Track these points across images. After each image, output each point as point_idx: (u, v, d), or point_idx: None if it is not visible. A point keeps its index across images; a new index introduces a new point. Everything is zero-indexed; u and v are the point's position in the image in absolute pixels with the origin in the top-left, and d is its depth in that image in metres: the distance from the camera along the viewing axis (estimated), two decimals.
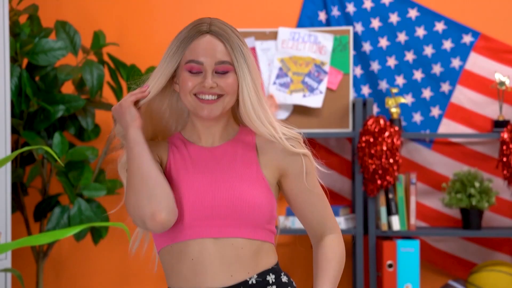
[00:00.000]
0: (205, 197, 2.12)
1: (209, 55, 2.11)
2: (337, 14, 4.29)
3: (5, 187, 3.51)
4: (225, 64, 2.12)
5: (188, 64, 2.11)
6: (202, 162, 2.17)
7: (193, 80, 2.11)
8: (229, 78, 2.12)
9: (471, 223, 4.04)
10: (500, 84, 4.09)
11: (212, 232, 2.11)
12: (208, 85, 2.09)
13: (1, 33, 3.50)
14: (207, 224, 2.11)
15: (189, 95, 2.11)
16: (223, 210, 2.11)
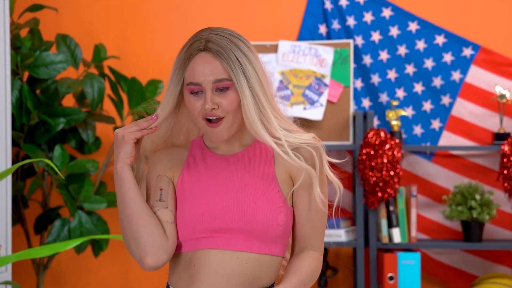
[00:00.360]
0: (216, 209, 2.11)
1: (206, 75, 2.08)
2: (337, 27, 4.30)
3: (5, 200, 3.51)
4: (223, 81, 2.09)
5: (188, 87, 2.10)
6: (217, 172, 2.15)
7: (196, 102, 2.10)
8: (229, 95, 2.09)
9: (472, 236, 4.04)
10: (500, 97, 4.09)
11: (220, 243, 2.10)
12: (209, 107, 2.07)
13: (2, 46, 3.50)
14: (216, 235, 2.10)
15: (200, 119, 2.10)
16: (233, 223, 2.09)
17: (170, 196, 2.16)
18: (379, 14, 4.28)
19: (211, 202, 2.12)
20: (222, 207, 2.11)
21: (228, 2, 4.36)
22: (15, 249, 4.18)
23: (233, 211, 2.10)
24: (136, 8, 4.38)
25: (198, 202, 2.12)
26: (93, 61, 4.08)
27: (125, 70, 4.24)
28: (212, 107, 2.07)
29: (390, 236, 4.03)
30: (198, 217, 2.11)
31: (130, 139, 2.12)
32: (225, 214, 2.10)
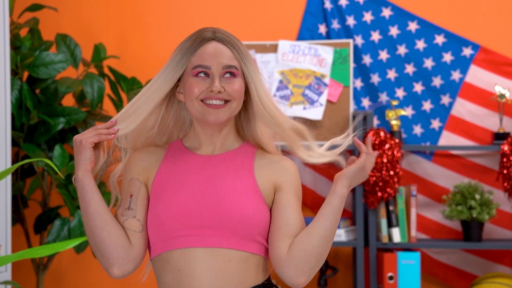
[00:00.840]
0: (193, 205, 2.08)
1: (216, 60, 2.10)
2: (337, 27, 4.30)
3: (5, 200, 3.51)
4: (232, 68, 2.10)
5: (195, 69, 2.10)
6: (196, 171, 2.14)
7: (200, 86, 2.09)
8: (236, 83, 2.11)
9: (471, 235, 4.04)
10: (500, 96, 4.09)
11: (200, 241, 2.06)
12: (216, 89, 2.07)
13: (2, 46, 3.50)
14: (195, 233, 2.07)
15: (196, 101, 2.10)
16: (212, 220, 2.07)
17: (139, 203, 2.14)
18: (379, 14, 4.28)
19: (188, 198, 2.09)
20: (199, 204, 2.08)
21: (228, 2, 4.36)
22: (15, 249, 4.18)
23: (210, 208, 2.07)
24: (135, 8, 4.38)
25: (174, 199, 2.09)
26: (93, 61, 4.08)
27: (124, 70, 4.24)
28: (220, 89, 2.07)
29: (390, 236, 4.03)
30: (175, 214, 2.08)
31: (88, 144, 2.12)
32: (202, 210, 2.07)
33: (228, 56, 2.11)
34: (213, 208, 2.07)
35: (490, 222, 4.20)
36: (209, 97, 2.09)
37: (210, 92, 2.08)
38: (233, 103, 2.10)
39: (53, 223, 3.93)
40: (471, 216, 4.02)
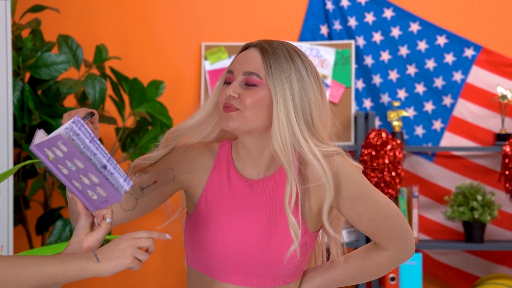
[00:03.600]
0: (236, 246, 1.97)
1: (240, 65, 1.95)
2: (339, 28, 4.30)
3: (7, 201, 3.51)
4: (253, 76, 1.93)
5: (226, 75, 1.98)
6: (240, 199, 1.99)
7: (222, 91, 1.96)
8: (256, 93, 1.92)
9: (473, 236, 4.04)
10: (502, 97, 4.09)
11: (243, 281, 1.98)
12: (227, 93, 1.92)
13: (4, 47, 3.51)
14: (234, 271, 1.98)
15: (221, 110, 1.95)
16: (252, 261, 1.97)
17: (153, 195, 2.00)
18: (381, 15, 4.28)
19: (233, 237, 1.97)
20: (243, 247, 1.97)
21: (230, 2, 4.36)
22: (17, 250, 4.18)
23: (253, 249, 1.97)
24: (137, 9, 4.39)
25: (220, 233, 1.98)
26: (95, 61, 4.08)
27: (126, 71, 4.24)
28: (230, 94, 1.92)
29: None
30: (218, 248, 1.97)
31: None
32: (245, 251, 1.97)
33: (255, 62, 1.94)
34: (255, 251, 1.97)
35: (492, 223, 4.19)
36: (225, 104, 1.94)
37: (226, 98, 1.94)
38: (245, 112, 1.92)
39: (54, 224, 3.93)
40: (473, 217, 4.01)
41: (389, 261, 2.08)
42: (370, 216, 2.00)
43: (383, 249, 2.06)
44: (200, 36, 4.35)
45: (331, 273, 2.09)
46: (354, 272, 2.10)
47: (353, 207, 1.99)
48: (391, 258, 2.08)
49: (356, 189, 1.99)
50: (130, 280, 4.37)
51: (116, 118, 4.26)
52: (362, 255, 2.10)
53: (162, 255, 4.34)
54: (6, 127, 3.51)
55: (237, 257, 1.97)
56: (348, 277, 2.10)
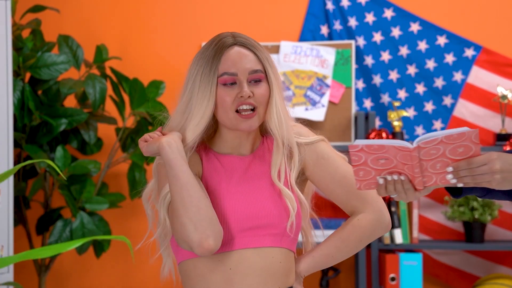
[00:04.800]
0: (248, 208, 2.12)
1: (241, 65, 2.11)
2: (339, 28, 4.30)
3: (7, 201, 3.51)
4: (258, 72, 2.13)
5: (222, 78, 2.11)
6: (236, 173, 2.17)
7: (230, 94, 2.11)
8: (262, 88, 2.13)
9: (473, 237, 4.04)
10: (502, 97, 4.09)
11: (253, 242, 2.10)
12: (246, 94, 2.09)
13: (4, 47, 3.51)
14: (250, 234, 2.11)
15: (231, 112, 2.11)
16: (264, 220, 2.11)
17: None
18: (381, 15, 4.28)
19: (241, 202, 2.12)
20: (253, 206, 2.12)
21: (230, 3, 4.36)
22: (17, 250, 4.18)
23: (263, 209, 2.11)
24: (137, 9, 4.39)
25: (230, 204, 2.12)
26: (95, 62, 4.08)
27: (126, 71, 4.24)
28: (249, 94, 2.09)
29: (392, 237, 4.03)
30: (233, 218, 2.11)
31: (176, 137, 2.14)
32: (256, 213, 2.11)
33: (252, 60, 2.13)
34: (265, 210, 2.12)
35: (492, 223, 4.19)
36: (240, 103, 2.11)
37: (241, 98, 2.10)
38: (259, 109, 2.13)
39: (55, 224, 3.93)
40: (473, 217, 4.01)
41: (367, 223, 2.20)
42: (342, 174, 2.19)
43: (358, 212, 2.20)
44: (200, 36, 4.35)
45: (317, 251, 2.22)
46: (337, 243, 2.21)
47: (326, 165, 2.19)
48: (368, 219, 2.19)
49: (330, 150, 2.22)
50: (130, 280, 4.37)
51: (117, 118, 4.26)
52: (341, 226, 2.24)
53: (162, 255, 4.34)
54: (6, 127, 3.51)
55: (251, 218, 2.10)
56: (333, 250, 2.20)
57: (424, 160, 1.87)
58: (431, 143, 1.85)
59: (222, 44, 2.14)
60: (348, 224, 2.22)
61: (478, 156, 1.88)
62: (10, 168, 3.50)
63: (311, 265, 2.21)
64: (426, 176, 1.90)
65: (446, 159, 1.88)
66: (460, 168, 1.89)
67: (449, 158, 1.88)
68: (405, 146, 1.85)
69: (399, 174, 1.91)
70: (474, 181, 1.89)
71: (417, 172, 1.89)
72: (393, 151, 1.86)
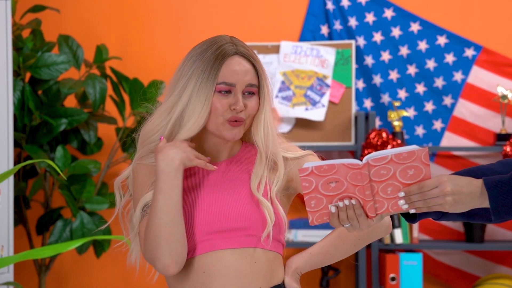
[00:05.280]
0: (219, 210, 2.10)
1: (241, 77, 2.11)
2: (339, 28, 4.30)
3: (7, 201, 3.51)
4: (254, 87, 2.13)
5: (220, 86, 2.10)
6: (209, 177, 2.15)
7: (223, 103, 2.09)
8: (253, 101, 2.13)
9: (474, 237, 4.04)
10: (502, 97, 4.09)
11: (227, 243, 2.09)
12: (240, 108, 2.09)
13: (4, 47, 3.51)
14: (222, 236, 2.09)
15: (221, 118, 2.10)
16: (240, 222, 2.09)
17: None
18: (381, 15, 4.28)
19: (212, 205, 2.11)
20: (222, 208, 2.10)
21: (230, 2, 4.36)
22: (17, 250, 4.19)
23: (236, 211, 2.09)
24: (138, 9, 4.39)
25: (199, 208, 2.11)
26: (95, 62, 4.08)
27: (127, 71, 4.24)
28: (242, 109, 2.10)
29: (392, 237, 4.03)
30: (202, 222, 2.09)
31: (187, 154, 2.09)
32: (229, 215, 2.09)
33: (251, 73, 2.13)
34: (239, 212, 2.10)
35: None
36: (232, 118, 2.10)
37: (233, 111, 2.10)
38: (247, 120, 2.13)
39: (55, 224, 3.93)
40: None
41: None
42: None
43: None
44: (200, 36, 4.33)
45: (314, 248, 2.21)
46: (334, 240, 2.20)
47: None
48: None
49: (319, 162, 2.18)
50: (130, 280, 4.37)
51: (117, 118, 4.26)
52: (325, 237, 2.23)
53: None
54: (7, 127, 3.51)
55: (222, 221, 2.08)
56: (330, 248, 2.20)
57: (375, 181, 1.85)
58: (381, 161, 1.83)
59: (224, 51, 2.13)
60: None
61: (429, 179, 1.86)
62: (10, 168, 3.50)
63: (308, 262, 2.20)
64: (378, 202, 1.88)
65: (397, 183, 1.86)
66: (412, 193, 1.87)
67: (400, 182, 1.86)
68: (355, 163, 1.83)
69: (350, 198, 1.88)
70: (427, 205, 1.87)
71: (368, 195, 1.86)
72: (344, 170, 1.84)
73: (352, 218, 1.91)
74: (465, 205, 1.89)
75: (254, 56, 2.16)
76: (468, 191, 1.88)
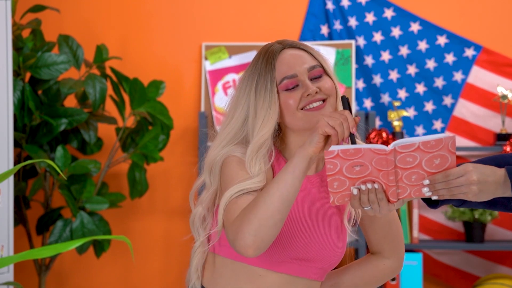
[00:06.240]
0: (305, 238, 2.03)
1: (298, 65, 2.04)
2: (339, 28, 4.30)
3: (7, 200, 3.51)
4: (316, 68, 2.05)
5: (283, 83, 2.02)
6: (304, 192, 2.06)
7: (294, 96, 2.01)
8: (326, 81, 2.04)
9: (474, 236, 4.04)
10: (502, 97, 4.09)
11: (301, 271, 2.04)
12: (313, 90, 1.99)
13: (4, 47, 3.51)
14: (301, 263, 2.04)
15: (297, 111, 2.01)
16: (312, 253, 2.04)
17: None
18: (381, 15, 4.28)
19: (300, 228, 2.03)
20: (310, 237, 2.04)
21: (230, 3, 4.36)
22: (17, 250, 4.18)
23: (316, 244, 2.05)
24: (138, 9, 4.39)
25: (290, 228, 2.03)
26: (95, 61, 4.08)
27: (127, 71, 4.24)
28: (316, 90, 2.00)
29: None
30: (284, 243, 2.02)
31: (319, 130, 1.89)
32: (308, 244, 2.04)
33: (306, 57, 2.05)
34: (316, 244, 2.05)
35: (492, 223, 4.19)
36: (308, 102, 2.00)
37: (308, 97, 2.00)
38: (331, 99, 2.02)
39: (55, 224, 3.93)
40: (473, 217, 4.01)
41: (389, 270, 2.18)
42: (392, 218, 2.14)
43: (384, 257, 2.18)
44: (200, 36, 4.35)
45: (336, 279, 2.18)
46: (358, 281, 2.18)
47: None
48: (391, 267, 2.18)
49: None
50: (130, 280, 4.37)
51: (117, 118, 4.26)
52: (364, 264, 2.19)
53: (162, 255, 4.34)
54: (6, 127, 3.51)
55: (300, 248, 2.02)
56: (351, 286, 2.18)
57: (400, 168, 1.83)
58: (408, 148, 1.80)
59: (272, 51, 2.06)
60: (371, 265, 2.18)
61: (454, 168, 1.85)
62: (10, 168, 3.49)
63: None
64: (401, 187, 1.86)
65: (422, 172, 1.84)
66: (437, 181, 1.85)
67: (425, 171, 1.84)
68: (381, 148, 1.80)
69: (373, 182, 1.85)
70: (451, 193, 1.86)
71: (391, 180, 1.84)
72: (369, 155, 1.81)
73: (373, 202, 1.86)
74: (489, 194, 1.88)
75: (303, 43, 2.08)
76: (492, 180, 1.87)
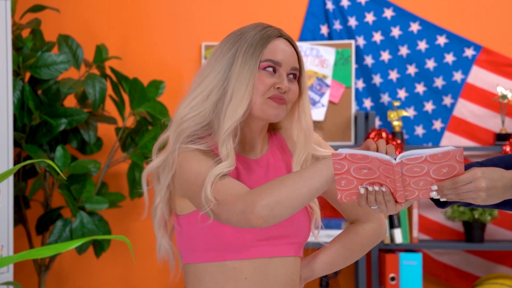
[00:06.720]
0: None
1: (287, 58, 2.04)
2: (339, 28, 4.30)
3: (7, 200, 3.51)
4: (296, 71, 2.06)
5: (265, 63, 2.02)
6: (253, 176, 2.07)
7: (268, 79, 2.01)
8: (295, 87, 2.06)
9: (473, 236, 4.04)
10: (502, 97, 4.09)
11: (275, 251, 2.04)
12: (286, 88, 2.01)
13: (4, 47, 3.50)
14: (271, 243, 2.04)
15: (263, 96, 2.01)
16: (289, 229, 2.05)
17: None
18: (381, 15, 4.28)
19: None
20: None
21: (230, 3, 4.36)
22: (17, 250, 4.18)
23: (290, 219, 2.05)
24: (137, 9, 4.39)
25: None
26: (95, 61, 4.08)
27: (126, 71, 4.24)
28: (286, 90, 2.02)
29: (391, 237, 4.03)
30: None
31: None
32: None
33: (295, 57, 2.06)
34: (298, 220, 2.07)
35: (492, 223, 4.19)
36: (275, 96, 2.01)
37: (277, 89, 2.01)
38: (289, 105, 2.05)
39: (55, 224, 3.93)
40: (473, 217, 4.01)
41: (371, 233, 2.19)
42: None
43: (363, 222, 2.19)
44: (200, 36, 4.35)
45: (322, 257, 2.19)
46: (340, 251, 2.19)
47: None
48: (372, 229, 2.19)
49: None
50: (130, 280, 4.37)
51: (116, 118, 4.26)
52: (344, 234, 2.21)
53: None
54: (6, 127, 3.51)
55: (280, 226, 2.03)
56: (338, 257, 2.19)
57: (407, 176, 1.83)
58: (415, 161, 1.80)
59: (269, 32, 2.05)
60: (351, 232, 2.18)
61: (463, 174, 1.84)
62: (10, 168, 3.49)
63: (311, 274, 2.18)
64: (409, 191, 1.86)
65: (429, 179, 1.84)
66: (445, 188, 1.85)
67: (432, 178, 1.84)
68: (388, 160, 1.79)
69: (380, 185, 1.85)
70: (459, 197, 1.86)
71: (399, 186, 1.84)
72: (376, 163, 1.81)
73: (381, 203, 1.86)
74: (497, 198, 1.88)
75: (296, 45, 2.09)
76: (501, 185, 1.87)
